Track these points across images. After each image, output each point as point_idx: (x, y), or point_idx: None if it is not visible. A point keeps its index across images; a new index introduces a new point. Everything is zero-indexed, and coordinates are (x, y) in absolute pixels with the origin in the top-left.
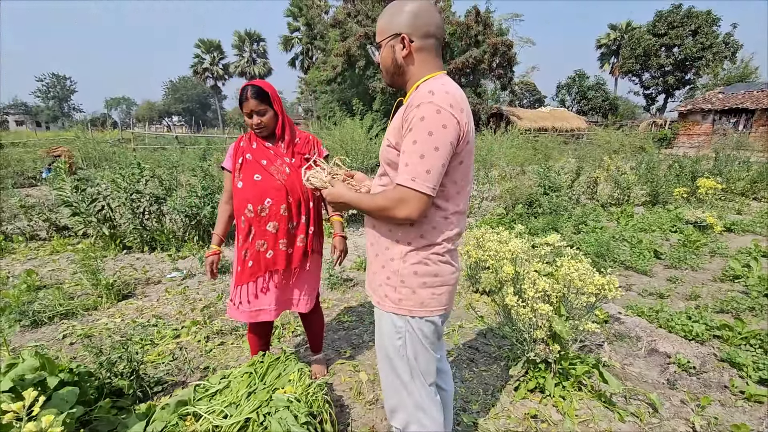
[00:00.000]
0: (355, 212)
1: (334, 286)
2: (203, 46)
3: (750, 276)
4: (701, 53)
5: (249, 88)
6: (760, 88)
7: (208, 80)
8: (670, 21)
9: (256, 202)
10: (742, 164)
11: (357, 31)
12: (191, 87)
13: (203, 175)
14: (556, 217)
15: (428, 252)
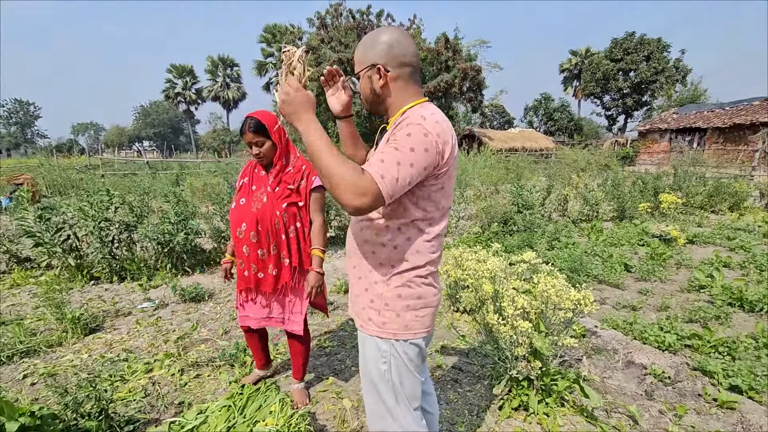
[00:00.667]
0: (333, 235)
1: (314, 310)
2: (175, 71)
3: (714, 286)
4: (655, 77)
5: (248, 121)
6: (710, 109)
7: (181, 105)
8: (625, 47)
9: (235, 225)
10: (699, 180)
11: (331, 56)
12: (163, 111)
13: (176, 200)
14: (531, 234)
15: (411, 275)
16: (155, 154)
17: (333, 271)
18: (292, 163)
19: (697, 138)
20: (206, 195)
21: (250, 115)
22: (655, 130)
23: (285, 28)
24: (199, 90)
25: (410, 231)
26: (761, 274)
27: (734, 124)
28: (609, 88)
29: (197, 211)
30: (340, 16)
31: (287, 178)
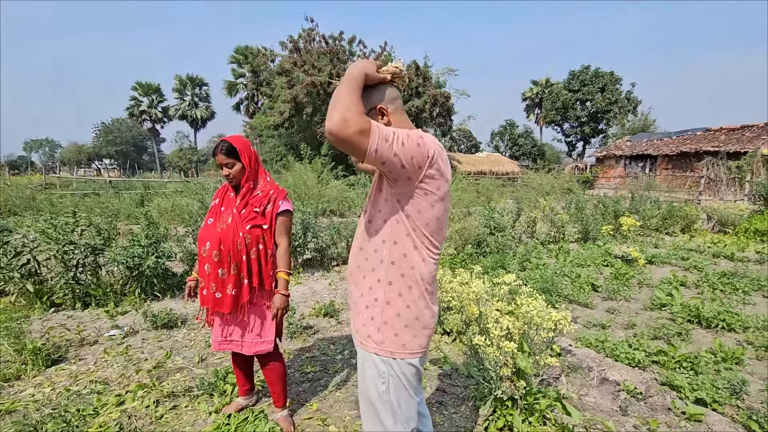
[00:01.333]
0: (309, 257)
1: (294, 335)
2: (141, 89)
3: (674, 304)
4: (609, 107)
5: (221, 144)
6: (659, 137)
7: (146, 123)
8: (581, 79)
9: (201, 243)
10: (653, 203)
11: (304, 79)
12: (126, 129)
13: (147, 223)
14: (503, 255)
15: (411, 295)
16: (116, 172)
17: (311, 294)
18: (261, 187)
19: (649, 164)
20: (175, 216)
21: (225, 139)
22: (611, 157)
23: (257, 50)
24: (166, 108)
25: (407, 247)
26: (714, 292)
27: (681, 152)
28: (568, 116)
29: (169, 233)
30: (312, 40)
31: (254, 201)
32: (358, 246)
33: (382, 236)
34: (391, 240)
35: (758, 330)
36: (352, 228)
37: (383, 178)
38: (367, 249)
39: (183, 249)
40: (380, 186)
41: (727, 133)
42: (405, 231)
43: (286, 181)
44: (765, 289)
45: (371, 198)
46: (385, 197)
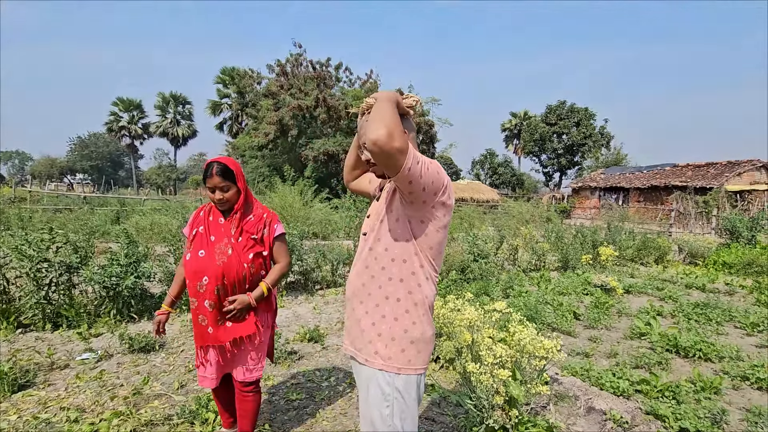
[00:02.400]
0: (293, 280)
1: (278, 360)
2: (121, 105)
3: (652, 333)
4: (584, 140)
5: (215, 165)
6: (631, 171)
7: (124, 138)
8: (558, 113)
9: (195, 278)
10: (629, 235)
11: (290, 102)
12: (103, 144)
13: (127, 241)
14: (487, 282)
15: (417, 311)
16: (89, 188)
17: (295, 318)
18: (253, 211)
19: (622, 196)
20: (154, 234)
21: (217, 160)
22: (586, 188)
23: (244, 72)
24: (146, 125)
25: (415, 266)
26: (689, 322)
27: (651, 185)
28: (545, 148)
29: (150, 252)
30: (300, 65)
31: (249, 227)
32: (364, 264)
33: (392, 254)
34: (401, 258)
35: (732, 360)
36: (338, 252)
37: (395, 199)
38: (374, 267)
39: (163, 269)
40: (391, 206)
41: (693, 170)
42: (413, 250)
43: (272, 201)
44: (736, 320)
45: (380, 218)
46: (396, 217)
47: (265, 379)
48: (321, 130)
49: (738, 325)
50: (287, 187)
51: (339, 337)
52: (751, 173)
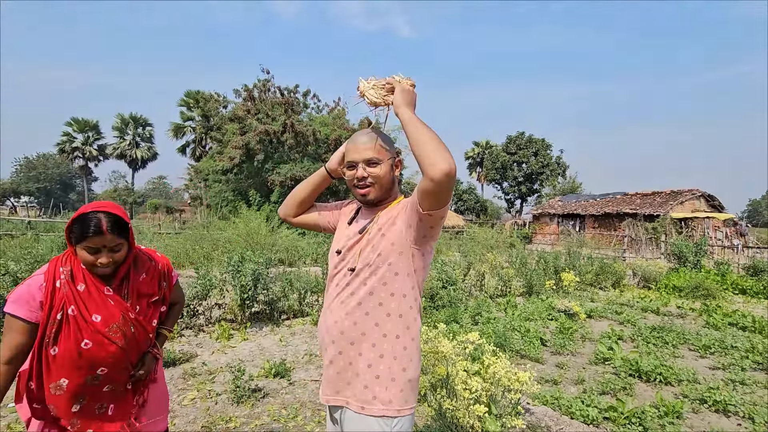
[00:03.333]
0: (258, 310)
1: (241, 399)
2: (76, 125)
3: (615, 358)
4: (542, 169)
5: (103, 218)
6: (586, 199)
7: (78, 160)
8: (518, 143)
9: (81, 375)
10: (587, 260)
11: (257, 127)
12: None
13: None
14: (455, 309)
15: (413, 347)
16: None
17: (260, 352)
18: (143, 265)
19: (578, 222)
20: None
21: (102, 209)
22: (546, 214)
23: (210, 95)
24: (102, 146)
25: (411, 300)
26: (648, 346)
27: (605, 212)
28: (507, 176)
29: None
30: (268, 90)
31: (145, 287)
32: (356, 302)
33: (391, 289)
34: (401, 293)
35: (690, 383)
36: (305, 280)
37: (397, 230)
38: (369, 303)
39: None
40: (393, 239)
41: (642, 198)
42: (412, 284)
43: (236, 227)
44: (689, 342)
45: (378, 251)
46: (400, 250)
47: (226, 421)
48: (288, 155)
49: (692, 347)
50: (252, 212)
51: (306, 371)
52: (692, 201)
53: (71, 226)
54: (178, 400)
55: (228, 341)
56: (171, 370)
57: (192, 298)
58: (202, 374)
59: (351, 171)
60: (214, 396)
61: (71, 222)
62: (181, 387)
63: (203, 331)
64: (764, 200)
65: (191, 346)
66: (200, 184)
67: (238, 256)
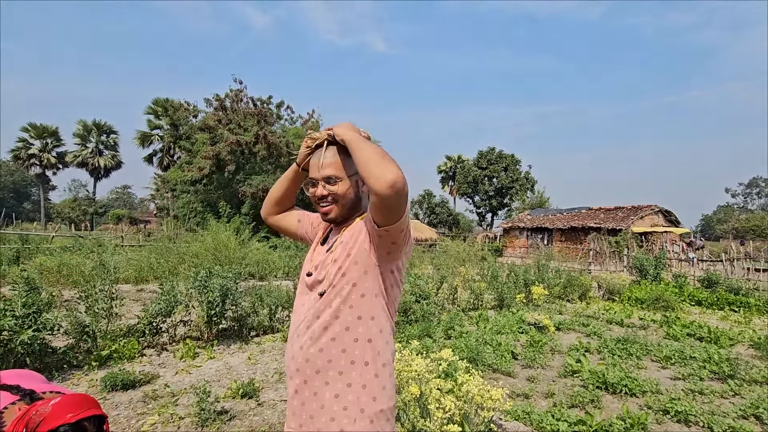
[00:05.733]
0: (226, 327)
1: (206, 422)
2: (33, 131)
3: (583, 370)
4: (512, 184)
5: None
6: (553, 213)
7: (34, 167)
8: (488, 158)
9: None
10: (555, 273)
11: (228, 137)
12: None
13: (27, 288)
14: (428, 323)
15: (385, 373)
16: None
17: (227, 371)
18: None
19: (547, 236)
20: (62, 277)
21: (94, 414)
22: (515, 228)
23: (179, 104)
24: (62, 154)
25: (383, 322)
26: (614, 358)
27: (571, 226)
28: (478, 189)
29: (54, 300)
30: (240, 101)
31: None
32: (321, 327)
33: (358, 312)
34: (369, 315)
35: (653, 393)
36: (276, 294)
37: (360, 249)
38: (335, 328)
39: (71, 319)
40: (356, 257)
41: (605, 212)
42: (381, 305)
43: (205, 241)
44: (652, 353)
45: (342, 271)
46: (364, 269)
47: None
48: (260, 166)
49: (654, 358)
50: (222, 224)
51: (276, 390)
52: (651, 216)
53: None
54: (137, 426)
55: (193, 360)
56: (130, 392)
57: (155, 315)
58: (164, 396)
59: (312, 189)
60: (176, 420)
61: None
62: (140, 411)
63: (166, 350)
64: (715, 215)
65: (153, 367)
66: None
67: (205, 271)
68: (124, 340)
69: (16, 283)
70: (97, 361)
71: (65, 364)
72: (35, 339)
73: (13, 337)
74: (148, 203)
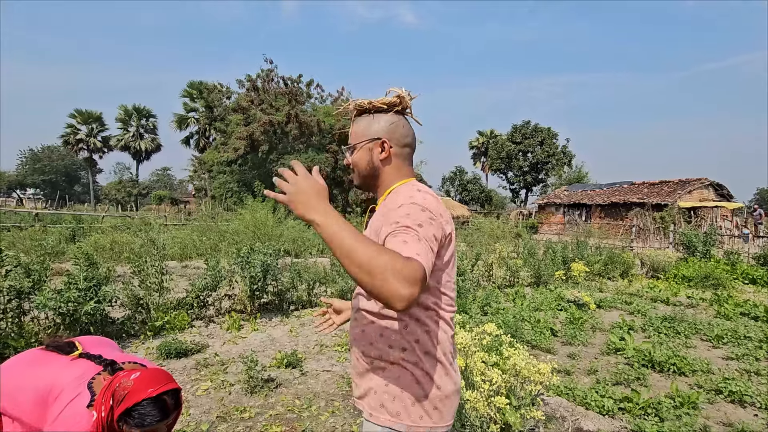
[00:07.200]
0: (267, 301)
1: (254, 389)
2: (80, 117)
3: (627, 348)
4: (548, 159)
5: (170, 400)
6: (592, 188)
7: (82, 152)
8: (523, 132)
9: None
10: (595, 250)
11: (261, 118)
12: (57, 158)
13: (87, 262)
14: (465, 299)
15: (429, 362)
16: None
17: (270, 342)
18: None
19: (585, 212)
20: (114, 255)
21: (169, 389)
22: (551, 204)
23: (213, 86)
24: (107, 138)
25: (418, 312)
26: (660, 336)
27: (612, 202)
28: (512, 165)
29: (112, 275)
30: (271, 81)
31: None
32: (364, 308)
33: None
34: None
35: (704, 373)
36: (314, 271)
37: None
38: (373, 310)
39: (127, 292)
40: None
41: (649, 187)
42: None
43: (243, 219)
44: (702, 332)
45: None
46: None
47: (241, 411)
48: (293, 146)
49: (704, 337)
50: (258, 203)
51: (317, 361)
52: (700, 191)
53: (131, 410)
54: (192, 390)
55: (238, 332)
56: (183, 360)
57: (202, 289)
58: (214, 365)
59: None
60: (227, 386)
61: (132, 405)
62: (194, 377)
63: (213, 322)
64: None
65: (202, 337)
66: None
67: (247, 248)
68: (175, 312)
69: (77, 259)
70: (152, 331)
71: (124, 333)
72: (97, 310)
73: (78, 308)
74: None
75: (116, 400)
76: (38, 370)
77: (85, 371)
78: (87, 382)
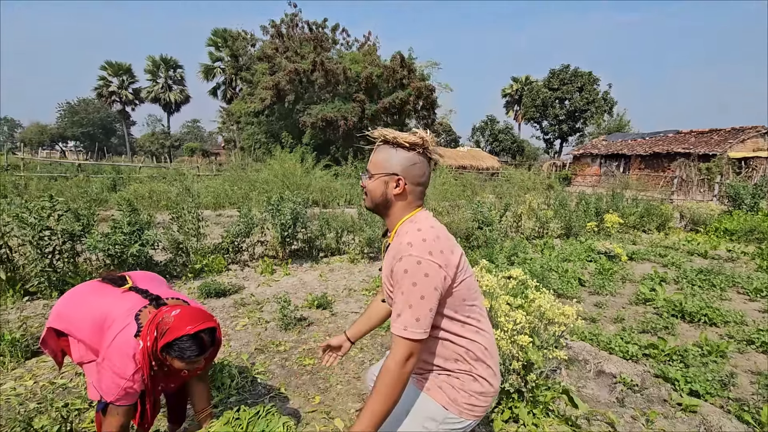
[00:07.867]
0: (297, 248)
1: (289, 326)
2: (110, 69)
3: (657, 299)
4: (587, 106)
5: (207, 338)
6: (633, 138)
7: (115, 104)
8: (561, 78)
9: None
10: (632, 202)
11: (287, 66)
12: (93, 110)
13: (130, 209)
14: (491, 249)
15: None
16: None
17: (301, 285)
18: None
19: (623, 163)
20: (153, 203)
21: (205, 327)
22: (587, 155)
23: (237, 33)
24: (137, 90)
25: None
26: (693, 288)
27: (654, 152)
28: (547, 114)
29: (153, 220)
30: (295, 26)
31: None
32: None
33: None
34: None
35: (737, 324)
36: (342, 220)
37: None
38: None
39: (168, 237)
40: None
41: (697, 136)
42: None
43: (272, 168)
44: (739, 285)
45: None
46: None
47: (277, 345)
48: (318, 95)
49: (741, 290)
50: (286, 153)
51: (347, 303)
52: (755, 140)
53: (171, 344)
54: (231, 326)
55: (271, 275)
56: (222, 299)
57: (236, 235)
58: (250, 304)
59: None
60: (263, 323)
61: (173, 339)
62: (233, 315)
63: (248, 266)
64: None
65: (238, 279)
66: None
67: (277, 196)
68: (212, 256)
69: (120, 206)
70: (192, 273)
71: (167, 275)
72: (141, 252)
73: (124, 250)
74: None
75: (159, 333)
76: (95, 300)
77: (134, 304)
78: (135, 314)
